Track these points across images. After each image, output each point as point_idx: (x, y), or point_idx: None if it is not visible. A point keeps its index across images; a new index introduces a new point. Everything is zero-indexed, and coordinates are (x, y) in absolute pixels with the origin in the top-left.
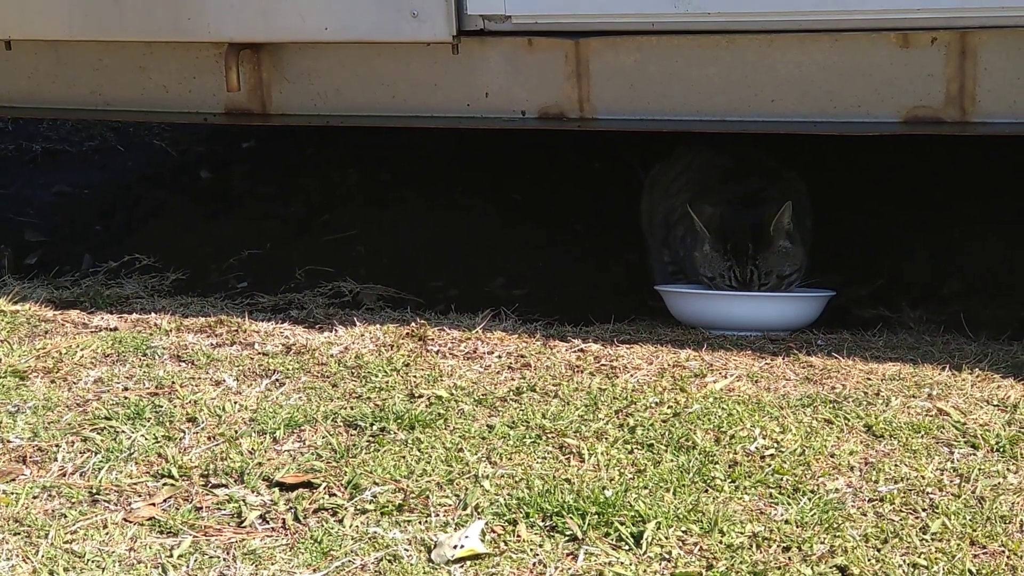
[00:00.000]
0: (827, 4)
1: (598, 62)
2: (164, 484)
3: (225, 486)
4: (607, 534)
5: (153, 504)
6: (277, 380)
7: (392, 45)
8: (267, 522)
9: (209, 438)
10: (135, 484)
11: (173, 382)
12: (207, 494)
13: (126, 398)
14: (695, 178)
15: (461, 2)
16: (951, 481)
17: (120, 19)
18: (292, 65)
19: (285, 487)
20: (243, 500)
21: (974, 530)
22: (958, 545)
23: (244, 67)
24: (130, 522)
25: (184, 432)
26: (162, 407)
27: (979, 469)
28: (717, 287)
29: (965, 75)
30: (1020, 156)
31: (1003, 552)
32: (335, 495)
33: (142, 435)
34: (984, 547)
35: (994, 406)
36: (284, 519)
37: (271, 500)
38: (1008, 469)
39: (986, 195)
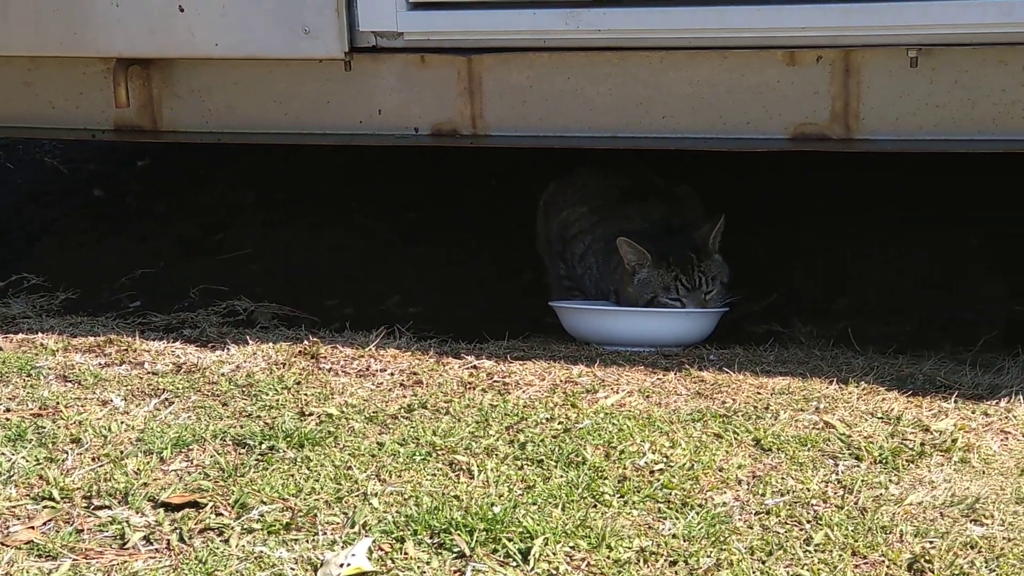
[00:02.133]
0: (713, 21)
1: (491, 79)
2: (44, 507)
3: (108, 507)
4: (495, 550)
5: (32, 527)
6: (166, 399)
7: (284, 62)
8: (151, 543)
9: (93, 459)
10: (14, 507)
11: (58, 402)
12: (89, 516)
13: (7, 419)
14: (591, 196)
15: (353, 19)
16: (835, 493)
17: (5, 33)
18: (183, 81)
19: (171, 507)
20: (126, 521)
21: (856, 541)
22: (840, 556)
23: (133, 83)
24: (7, 546)
25: (67, 453)
26: (45, 428)
27: (862, 480)
28: (661, 305)
29: (849, 93)
30: (903, 175)
31: (883, 562)
32: (222, 515)
33: (23, 457)
34: (865, 557)
35: (878, 418)
36: (168, 540)
37: (155, 521)
38: (890, 480)
39: (873, 214)
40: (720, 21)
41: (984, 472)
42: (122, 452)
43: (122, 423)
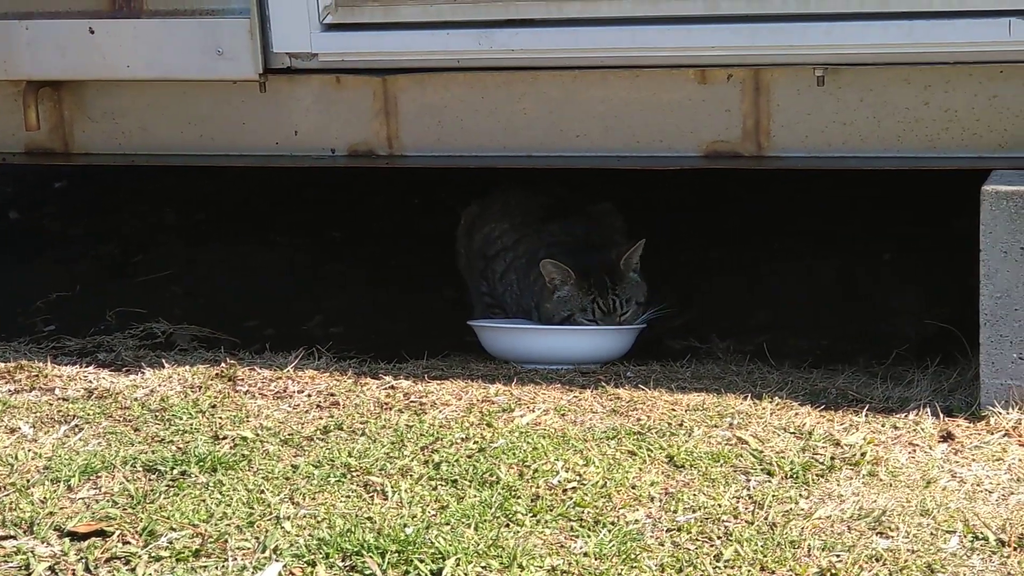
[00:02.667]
0: (625, 41)
1: (406, 99)
2: None
3: (13, 537)
4: (407, 572)
5: None
6: (76, 426)
7: (198, 83)
8: (56, 574)
9: None
10: None
11: None
12: None
13: None
14: (514, 214)
15: (267, 40)
16: (746, 508)
17: None
18: (95, 103)
19: (77, 536)
20: (31, 552)
21: (765, 556)
22: (749, 571)
23: (44, 105)
24: None
25: None
26: None
27: (773, 496)
28: (577, 323)
29: (760, 110)
30: (817, 194)
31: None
32: (129, 543)
33: None
34: (773, 572)
35: (791, 433)
36: (74, 570)
37: (61, 551)
38: (800, 495)
39: (790, 231)
40: (632, 40)
41: (891, 485)
42: (28, 481)
43: (29, 451)
